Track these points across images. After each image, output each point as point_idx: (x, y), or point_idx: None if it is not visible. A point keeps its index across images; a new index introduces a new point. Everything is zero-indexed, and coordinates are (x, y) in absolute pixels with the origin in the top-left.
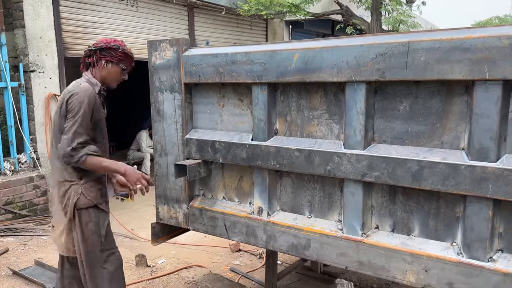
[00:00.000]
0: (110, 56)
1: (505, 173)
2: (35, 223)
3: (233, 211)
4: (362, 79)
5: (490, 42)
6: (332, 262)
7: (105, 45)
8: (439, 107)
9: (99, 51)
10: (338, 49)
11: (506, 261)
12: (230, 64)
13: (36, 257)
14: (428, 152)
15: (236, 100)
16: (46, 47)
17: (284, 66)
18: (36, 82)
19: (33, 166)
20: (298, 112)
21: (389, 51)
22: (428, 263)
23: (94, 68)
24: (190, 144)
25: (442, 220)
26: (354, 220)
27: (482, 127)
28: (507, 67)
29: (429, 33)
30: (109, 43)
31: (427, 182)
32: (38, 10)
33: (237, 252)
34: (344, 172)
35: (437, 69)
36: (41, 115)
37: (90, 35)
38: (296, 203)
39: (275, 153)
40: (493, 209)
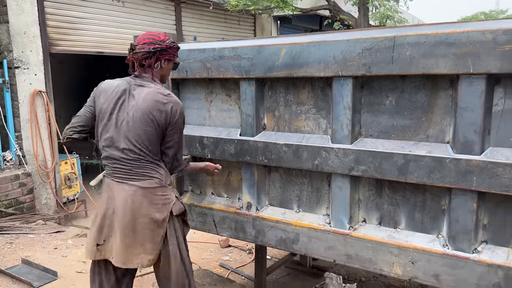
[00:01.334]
0: (168, 54)
1: (489, 166)
2: (22, 221)
3: (222, 207)
4: (348, 74)
5: (474, 36)
6: (320, 256)
7: (165, 46)
8: (424, 101)
9: (159, 52)
10: (325, 44)
11: (490, 252)
12: (217, 59)
13: (23, 255)
14: (414, 146)
15: (224, 95)
16: (30, 43)
17: (272, 61)
18: (21, 78)
19: (18, 163)
20: (286, 107)
21: (375, 46)
22: (414, 256)
23: (153, 69)
24: None
25: (428, 213)
26: (342, 214)
27: (467, 121)
28: (490, 61)
29: (414, 27)
30: (164, 41)
31: (413, 175)
32: (22, 5)
33: (226, 247)
34: (331, 167)
35: (422, 64)
36: (26, 111)
37: (76, 31)
38: (285, 197)
39: (263, 148)
40: (478, 202)
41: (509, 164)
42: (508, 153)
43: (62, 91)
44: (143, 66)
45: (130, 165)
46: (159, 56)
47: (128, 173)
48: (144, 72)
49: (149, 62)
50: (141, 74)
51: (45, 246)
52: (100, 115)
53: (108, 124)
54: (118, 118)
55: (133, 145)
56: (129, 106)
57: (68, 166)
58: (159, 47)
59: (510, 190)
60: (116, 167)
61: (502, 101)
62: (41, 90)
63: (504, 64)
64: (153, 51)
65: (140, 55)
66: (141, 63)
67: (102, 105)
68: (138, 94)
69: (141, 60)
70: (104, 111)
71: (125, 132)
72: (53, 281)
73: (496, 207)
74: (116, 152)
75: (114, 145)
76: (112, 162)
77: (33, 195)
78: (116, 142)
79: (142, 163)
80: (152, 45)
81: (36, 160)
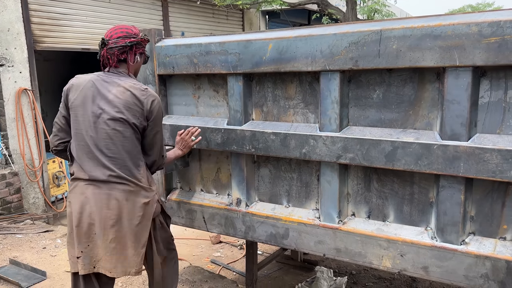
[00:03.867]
0: (141, 48)
1: (476, 152)
2: (9, 221)
3: (212, 203)
4: (336, 68)
5: (460, 29)
6: (310, 250)
7: (140, 39)
8: (411, 94)
9: (136, 45)
10: (311, 38)
11: (478, 243)
12: (204, 55)
13: (11, 256)
14: (401, 133)
15: (212, 91)
16: (14, 40)
17: (259, 56)
18: (6, 76)
19: (5, 163)
20: (274, 102)
21: (361, 40)
22: (403, 248)
23: (129, 64)
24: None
25: (416, 206)
26: (331, 208)
27: (453, 113)
28: (476, 53)
29: (400, 21)
30: (137, 34)
31: (400, 162)
32: (5, 2)
33: (217, 244)
34: (319, 155)
35: (409, 57)
36: (12, 110)
37: (61, 27)
38: (274, 193)
39: (251, 137)
40: (465, 193)
41: (496, 150)
42: (495, 139)
43: (48, 88)
44: (119, 61)
45: (107, 166)
46: (135, 50)
47: (99, 175)
48: (120, 67)
49: (125, 57)
50: (117, 69)
51: (33, 246)
52: (72, 112)
53: (81, 121)
54: (93, 114)
55: (111, 144)
56: (105, 100)
57: (56, 164)
58: (134, 40)
59: (496, 175)
60: (87, 167)
61: (488, 94)
62: (26, 88)
63: (489, 57)
64: (130, 45)
65: (116, 49)
66: (118, 58)
67: (74, 101)
68: (114, 89)
69: (118, 54)
70: (75, 107)
71: (102, 130)
72: (42, 281)
73: (483, 199)
74: (91, 152)
75: (88, 144)
76: (86, 162)
77: (20, 195)
78: (90, 141)
79: (120, 163)
80: (128, 39)
81: (23, 159)
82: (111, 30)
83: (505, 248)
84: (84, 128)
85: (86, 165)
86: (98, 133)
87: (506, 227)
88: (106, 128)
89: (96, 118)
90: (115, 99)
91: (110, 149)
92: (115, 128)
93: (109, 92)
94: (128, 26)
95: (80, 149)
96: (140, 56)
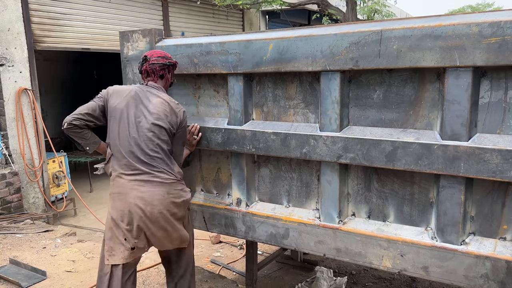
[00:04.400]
0: (174, 69)
1: (476, 152)
2: (9, 221)
3: (212, 203)
4: (336, 68)
5: (460, 29)
6: (310, 250)
7: (174, 62)
8: (412, 94)
9: (172, 66)
10: (312, 38)
11: (478, 243)
12: (204, 55)
13: (11, 255)
14: (402, 133)
15: (212, 91)
16: (15, 40)
17: (260, 56)
18: (6, 76)
19: (5, 163)
20: (274, 102)
21: (362, 40)
22: (403, 248)
23: (167, 80)
24: None
25: (416, 206)
26: (331, 208)
27: (454, 114)
28: (476, 54)
29: (401, 21)
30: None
31: (400, 162)
32: (5, 1)
33: (217, 244)
34: (320, 155)
35: (409, 57)
36: (12, 110)
37: (61, 27)
38: (274, 193)
39: (251, 137)
40: (465, 193)
41: (497, 150)
42: (495, 139)
43: (48, 88)
44: (159, 76)
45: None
46: (171, 69)
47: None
48: (158, 82)
49: (163, 73)
50: (156, 83)
51: (33, 246)
52: (114, 113)
53: (124, 122)
54: (135, 117)
55: (151, 144)
56: (146, 108)
57: (56, 164)
58: (172, 62)
59: (496, 175)
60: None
61: (488, 94)
62: (26, 88)
63: (490, 57)
64: (168, 64)
65: (158, 66)
66: (158, 73)
67: (117, 104)
68: (154, 99)
69: (158, 70)
70: (118, 109)
71: (143, 132)
72: (42, 281)
73: (483, 199)
74: (133, 150)
75: (131, 144)
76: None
77: (20, 194)
78: (132, 140)
79: (159, 160)
80: (166, 59)
81: (23, 159)
82: (151, 52)
83: (505, 248)
84: (128, 129)
85: (128, 161)
86: (140, 134)
87: (506, 227)
88: (146, 131)
89: (139, 122)
90: (155, 108)
91: (150, 148)
92: (154, 131)
93: (150, 102)
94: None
95: (123, 147)
96: (172, 76)
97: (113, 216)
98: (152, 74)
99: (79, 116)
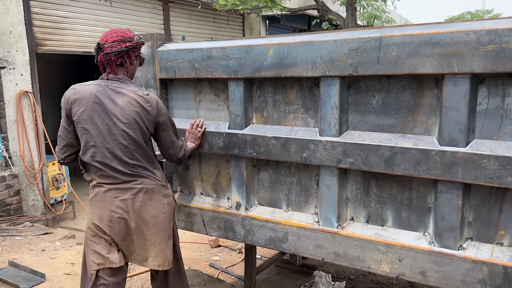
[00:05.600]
0: (137, 51)
1: (474, 158)
2: (8, 223)
3: (211, 207)
4: (336, 74)
5: (458, 37)
6: (309, 254)
7: (135, 43)
8: (410, 100)
9: (131, 49)
10: (312, 44)
11: (475, 248)
12: (205, 59)
13: (10, 257)
14: (400, 138)
15: (213, 95)
16: (16, 43)
17: (260, 61)
18: (7, 79)
19: (5, 165)
20: (274, 107)
21: (361, 46)
22: (401, 253)
23: (127, 68)
24: None
25: (414, 211)
26: (330, 213)
27: (452, 120)
28: (474, 61)
29: (400, 28)
30: (132, 38)
31: (399, 167)
32: (7, 4)
33: (216, 247)
34: (319, 159)
35: (408, 64)
36: (12, 112)
37: (62, 31)
38: (274, 197)
39: (252, 141)
40: (463, 199)
41: (494, 156)
42: (492, 145)
43: (49, 91)
44: (117, 66)
45: (126, 173)
46: (131, 53)
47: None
48: (119, 72)
49: (122, 61)
50: (116, 74)
51: (32, 248)
52: (80, 124)
53: (95, 133)
54: (106, 127)
55: (128, 152)
56: (114, 114)
57: (56, 167)
58: (130, 45)
59: (494, 181)
60: (111, 175)
61: (486, 100)
62: (27, 91)
63: (487, 64)
64: (125, 49)
65: (113, 55)
66: (115, 63)
67: (81, 114)
68: (119, 100)
69: (114, 60)
70: (83, 121)
71: (116, 141)
72: (41, 283)
73: (481, 205)
74: (109, 161)
75: (105, 155)
76: (106, 171)
77: (20, 197)
78: (107, 151)
79: (139, 168)
80: (123, 43)
81: (23, 161)
82: (106, 34)
83: (502, 254)
84: (99, 141)
85: (108, 172)
86: (115, 144)
87: (503, 232)
88: (121, 139)
89: (110, 131)
90: (124, 113)
91: (128, 157)
92: (129, 139)
93: (115, 104)
94: (123, 29)
95: (98, 160)
96: (136, 59)
97: (94, 222)
98: (109, 66)
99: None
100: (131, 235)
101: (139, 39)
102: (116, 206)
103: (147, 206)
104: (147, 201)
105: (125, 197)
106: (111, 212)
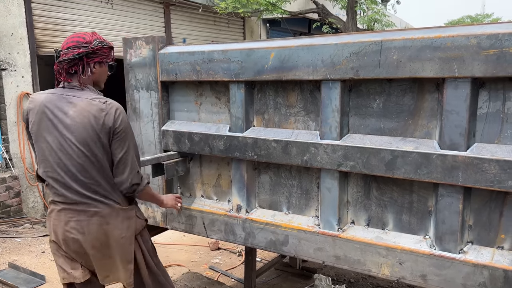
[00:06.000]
0: (98, 56)
1: (475, 162)
2: (8, 225)
3: (212, 209)
4: (337, 77)
5: (459, 41)
6: (309, 257)
7: (91, 48)
8: (411, 104)
9: (86, 56)
10: (313, 47)
11: (476, 252)
12: (207, 62)
13: (10, 259)
14: (401, 142)
15: (214, 98)
16: (17, 45)
17: (261, 65)
18: (8, 80)
19: (5, 167)
20: (275, 110)
21: (362, 50)
22: (402, 256)
23: (82, 76)
24: (166, 136)
25: (415, 214)
26: (331, 216)
27: (452, 123)
28: (475, 65)
29: (401, 32)
30: (90, 42)
31: (400, 171)
32: (9, 7)
33: (216, 250)
34: (320, 163)
35: (409, 67)
36: (13, 114)
37: (64, 33)
38: (274, 200)
39: (253, 144)
40: (464, 202)
41: (494, 160)
42: (493, 149)
43: None
44: (71, 74)
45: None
46: (88, 60)
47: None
48: (72, 81)
49: (76, 69)
50: (71, 83)
51: (32, 250)
52: (34, 138)
53: (44, 148)
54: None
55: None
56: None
57: None
58: (84, 51)
59: (494, 185)
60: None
61: (486, 104)
62: (28, 93)
63: (488, 68)
64: (78, 56)
65: (65, 63)
66: (67, 72)
67: (32, 126)
68: (70, 111)
69: (66, 68)
70: (34, 133)
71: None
72: (41, 285)
73: (481, 208)
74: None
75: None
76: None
77: (20, 199)
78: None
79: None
80: (77, 50)
81: (23, 163)
82: (66, 40)
83: (503, 257)
84: (51, 156)
85: (60, 191)
86: (66, 160)
87: (503, 236)
88: (73, 154)
89: (60, 145)
90: (75, 125)
91: (82, 175)
92: (82, 154)
93: (66, 116)
94: (81, 33)
95: (51, 176)
96: (97, 65)
97: (52, 239)
98: (60, 75)
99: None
100: (88, 255)
101: (99, 43)
102: (71, 227)
103: (104, 230)
104: (104, 225)
105: (81, 219)
106: (65, 232)
